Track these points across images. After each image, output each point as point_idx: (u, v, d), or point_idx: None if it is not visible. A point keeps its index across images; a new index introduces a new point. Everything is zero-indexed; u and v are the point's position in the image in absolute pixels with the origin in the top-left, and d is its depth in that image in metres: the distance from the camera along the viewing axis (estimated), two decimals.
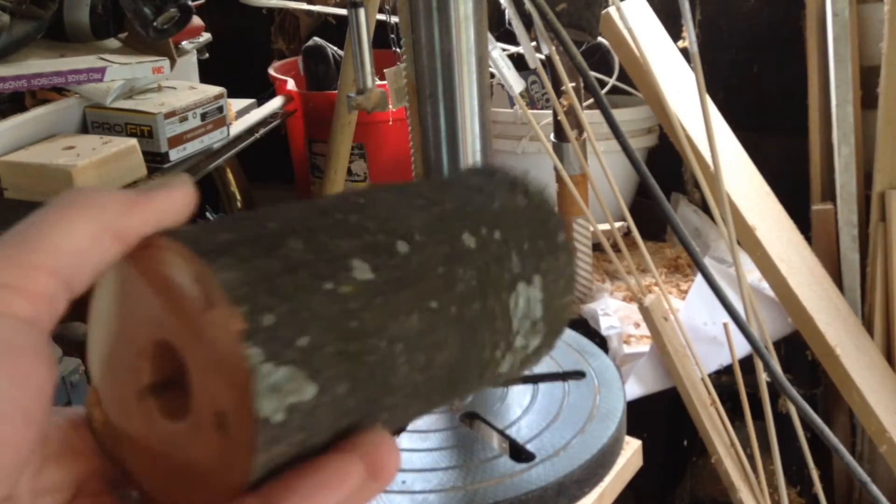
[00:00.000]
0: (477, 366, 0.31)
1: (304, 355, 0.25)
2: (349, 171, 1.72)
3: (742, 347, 1.21)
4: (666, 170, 1.55)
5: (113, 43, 1.38)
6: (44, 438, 0.28)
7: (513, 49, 1.42)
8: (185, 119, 1.27)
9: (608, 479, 0.72)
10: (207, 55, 1.63)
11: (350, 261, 0.27)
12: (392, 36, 1.32)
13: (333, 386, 0.26)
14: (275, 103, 1.65)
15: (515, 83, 1.23)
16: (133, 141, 1.20)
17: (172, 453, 0.27)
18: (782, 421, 1.23)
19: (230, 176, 1.71)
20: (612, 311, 1.38)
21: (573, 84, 1.26)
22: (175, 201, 0.29)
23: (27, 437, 0.25)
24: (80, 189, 0.28)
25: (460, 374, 0.30)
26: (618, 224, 1.22)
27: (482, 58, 0.84)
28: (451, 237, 0.30)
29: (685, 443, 1.55)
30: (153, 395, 0.28)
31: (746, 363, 1.21)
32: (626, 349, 1.33)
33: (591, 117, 1.29)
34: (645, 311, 1.24)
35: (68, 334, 1.12)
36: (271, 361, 0.24)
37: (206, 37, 1.62)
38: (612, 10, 1.25)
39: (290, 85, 1.74)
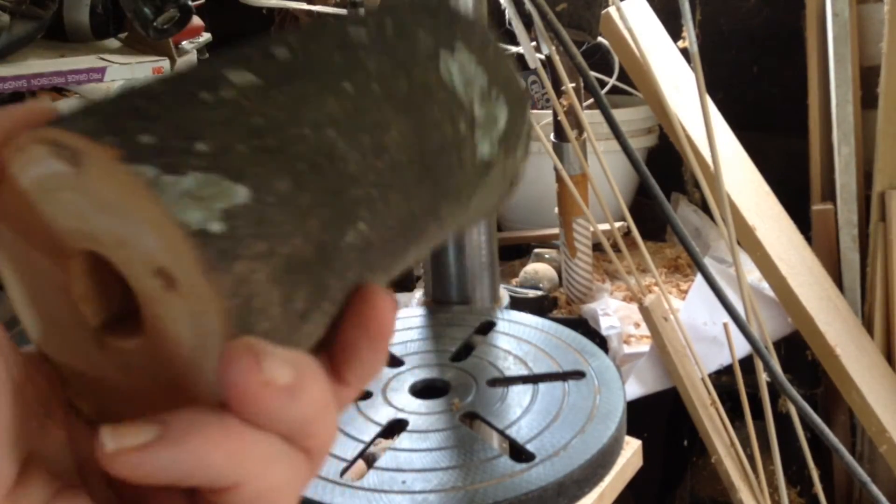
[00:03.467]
0: (447, 146, 0.28)
1: (209, 160, 0.22)
2: None
3: (742, 347, 1.21)
4: (666, 170, 1.55)
5: (113, 43, 1.38)
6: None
7: (513, 49, 1.42)
8: None
9: (608, 479, 0.73)
10: (207, 55, 1.63)
11: (223, 72, 0.24)
12: None
13: (270, 183, 0.22)
14: None
15: None
16: None
17: (156, 364, 0.24)
18: (782, 421, 1.23)
19: None
20: (612, 311, 1.38)
21: (573, 84, 1.26)
22: (19, 118, 0.24)
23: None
24: None
25: (432, 157, 0.27)
26: (618, 224, 1.22)
27: None
28: (335, 34, 0.27)
29: (685, 443, 1.55)
30: (108, 333, 0.25)
31: (746, 363, 1.21)
32: (626, 349, 1.33)
33: (591, 117, 1.28)
34: (645, 311, 1.24)
35: None
36: (171, 172, 0.21)
37: (206, 37, 1.62)
38: (612, 10, 1.25)
39: None
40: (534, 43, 1.22)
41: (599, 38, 1.29)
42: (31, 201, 0.23)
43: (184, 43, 1.53)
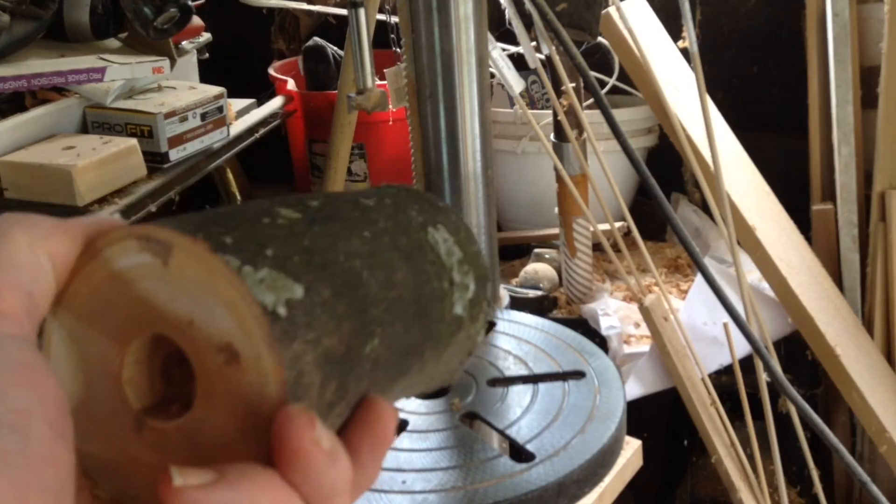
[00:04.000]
0: (435, 296, 0.33)
1: (276, 262, 0.27)
2: (349, 171, 1.72)
3: (742, 347, 1.21)
4: (666, 170, 1.55)
5: (113, 43, 1.38)
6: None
7: (513, 49, 1.42)
8: (185, 119, 1.27)
9: (608, 479, 0.73)
10: (207, 55, 1.63)
11: (274, 209, 0.30)
12: (392, 36, 1.32)
13: (318, 288, 0.27)
14: (275, 103, 1.65)
15: (515, 83, 1.23)
16: (133, 141, 1.20)
17: (196, 443, 0.27)
18: (782, 421, 1.23)
19: (230, 176, 1.71)
20: (612, 311, 1.38)
21: (573, 84, 1.26)
22: (100, 226, 0.28)
23: (65, 453, 0.24)
24: (6, 213, 0.28)
25: (425, 301, 0.33)
26: (618, 224, 1.22)
27: (482, 58, 0.84)
28: (350, 199, 0.34)
29: (685, 443, 1.55)
30: (149, 415, 0.28)
31: (746, 363, 1.21)
32: (626, 349, 1.33)
33: (591, 117, 1.28)
34: (645, 311, 1.24)
35: None
36: (249, 264, 0.26)
37: (206, 37, 1.62)
38: (612, 10, 1.25)
39: (290, 85, 1.74)
40: (534, 43, 1.22)
41: (599, 38, 1.29)
42: (112, 288, 0.27)
43: (184, 43, 1.53)
